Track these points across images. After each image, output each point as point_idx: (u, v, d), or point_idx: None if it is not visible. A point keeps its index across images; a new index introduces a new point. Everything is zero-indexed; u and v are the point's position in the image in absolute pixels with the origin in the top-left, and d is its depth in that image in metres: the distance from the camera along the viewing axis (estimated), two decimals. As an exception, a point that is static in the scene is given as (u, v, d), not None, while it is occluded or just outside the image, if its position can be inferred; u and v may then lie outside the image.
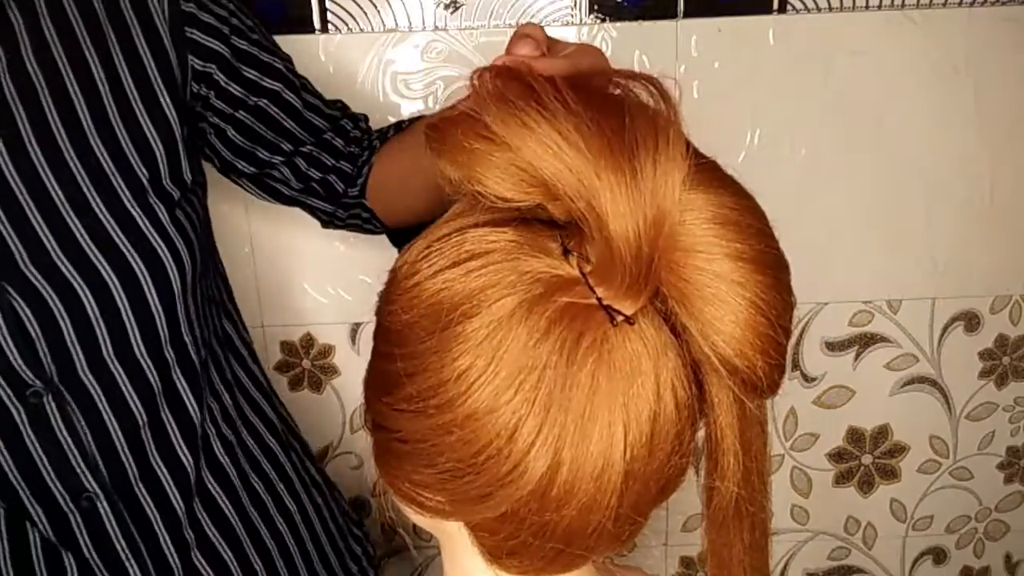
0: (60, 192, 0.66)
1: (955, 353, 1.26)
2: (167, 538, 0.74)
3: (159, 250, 0.70)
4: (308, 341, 1.22)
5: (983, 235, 1.20)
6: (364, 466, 1.25)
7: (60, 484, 0.69)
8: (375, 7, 1.07)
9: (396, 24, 1.08)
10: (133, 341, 0.70)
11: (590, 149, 0.39)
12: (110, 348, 0.69)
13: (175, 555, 0.75)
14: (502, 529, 0.44)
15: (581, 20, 1.08)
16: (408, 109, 1.11)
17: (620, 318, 0.40)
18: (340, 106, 0.88)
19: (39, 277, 0.65)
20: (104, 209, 0.68)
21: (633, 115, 0.41)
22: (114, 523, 0.71)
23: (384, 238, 0.94)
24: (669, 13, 1.08)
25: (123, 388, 0.70)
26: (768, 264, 0.41)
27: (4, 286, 0.64)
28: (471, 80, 0.44)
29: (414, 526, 0.50)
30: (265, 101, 0.79)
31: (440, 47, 1.09)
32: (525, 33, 0.51)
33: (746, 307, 0.40)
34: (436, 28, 1.08)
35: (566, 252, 0.41)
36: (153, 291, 0.70)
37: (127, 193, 0.69)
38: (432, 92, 1.11)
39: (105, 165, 0.68)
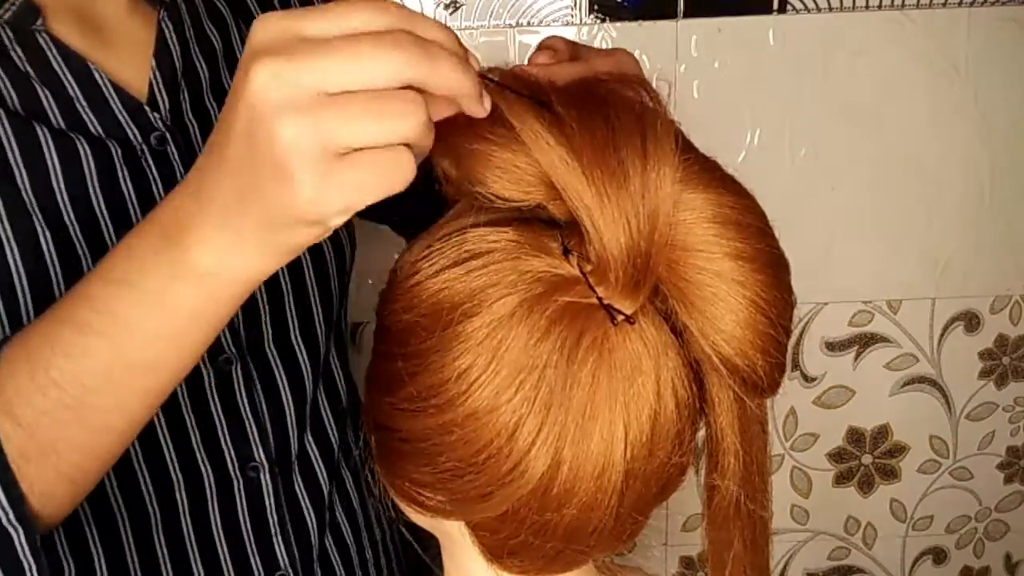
0: None
1: (955, 353, 1.26)
2: (312, 517, 0.75)
3: (341, 234, 0.74)
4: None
5: (983, 235, 1.20)
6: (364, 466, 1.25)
7: (233, 450, 0.69)
8: (375, 7, 1.07)
9: (396, 24, 1.08)
10: (315, 316, 0.73)
11: (574, 148, 0.39)
12: (296, 323, 0.71)
13: (316, 535, 0.75)
14: (502, 528, 0.44)
15: (581, 20, 1.08)
16: (408, 109, 1.11)
17: (620, 317, 0.40)
18: None
19: None
20: None
21: (620, 114, 0.41)
22: (271, 496, 0.71)
23: (383, 237, 0.94)
24: (669, 13, 1.08)
25: (300, 361, 0.72)
26: (768, 263, 0.41)
27: None
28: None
29: (414, 526, 0.50)
30: None
31: (440, 47, 1.09)
32: (547, 45, 0.52)
33: (746, 306, 0.40)
34: (436, 28, 1.08)
35: (566, 251, 0.41)
36: (335, 272, 0.74)
37: None
38: (432, 92, 1.11)
39: None
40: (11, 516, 0.46)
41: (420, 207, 0.89)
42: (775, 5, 1.08)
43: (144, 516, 0.67)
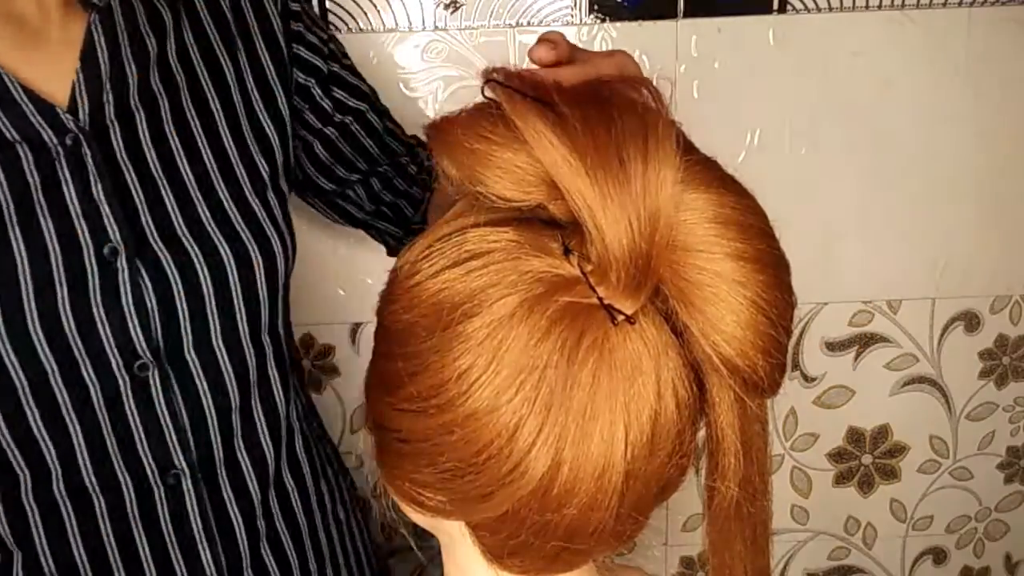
0: (192, 178, 0.71)
1: (955, 353, 1.26)
2: (241, 526, 0.75)
3: (272, 240, 0.74)
4: (308, 341, 1.22)
5: (983, 235, 1.20)
6: (364, 466, 1.25)
7: (151, 457, 0.69)
8: (375, 7, 1.07)
9: (396, 24, 1.08)
10: (239, 322, 0.72)
11: (577, 147, 0.39)
12: (218, 328, 0.71)
13: (246, 543, 0.75)
14: (503, 529, 0.44)
15: (581, 20, 1.08)
16: (408, 109, 1.11)
17: (621, 317, 0.40)
18: (413, 136, 0.93)
19: (166, 253, 0.68)
20: (229, 197, 0.72)
21: (622, 114, 0.41)
22: (195, 503, 0.72)
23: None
24: (669, 13, 1.08)
25: (223, 369, 0.72)
26: (769, 263, 0.41)
27: (136, 263, 0.67)
28: (479, 76, 0.44)
29: (414, 525, 0.50)
30: (350, 118, 0.85)
31: (440, 47, 1.09)
32: (545, 38, 0.52)
33: (747, 307, 0.40)
34: (436, 28, 1.08)
35: (567, 251, 0.41)
36: (263, 278, 0.73)
37: (249, 186, 0.74)
38: (432, 92, 1.11)
39: (232, 158, 0.73)
40: None
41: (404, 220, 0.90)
42: (775, 5, 1.08)
43: (60, 525, 0.67)
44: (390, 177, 0.89)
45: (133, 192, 0.67)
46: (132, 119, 0.68)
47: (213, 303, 0.70)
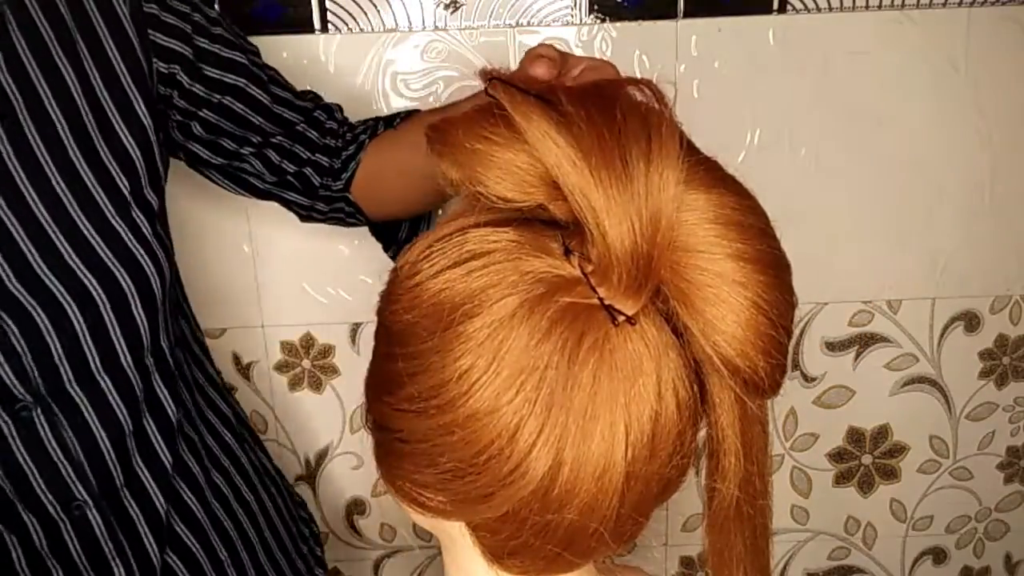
0: (45, 212, 0.66)
1: (955, 353, 1.26)
2: (150, 538, 0.75)
3: (143, 262, 0.70)
4: (308, 341, 1.22)
5: (983, 235, 1.20)
6: (364, 466, 1.25)
7: (51, 494, 0.69)
8: (375, 7, 1.07)
9: (396, 24, 1.08)
10: (119, 351, 0.70)
11: (581, 148, 0.39)
12: (97, 360, 0.69)
13: (157, 553, 0.75)
14: (503, 529, 0.44)
15: (581, 20, 1.08)
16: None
17: (621, 318, 0.40)
18: (311, 97, 0.87)
19: (26, 295, 0.66)
20: (89, 226, 0.68)
21: (626, 115, 0.41)
22: (103, 528, 0.72)
23: (384, 238, 0.94)
24: (669, 13, 1.08)
25: (109, 397, 0.71)
26: (769, 264, 0.41)
27: None
28: (477, 76, 0.44)
29: (414, 526, 0.50)
30: (229, 98, 0.78)
31: (440, 47, 1.09)
32: (539, 54, 0.51)
33: (748, 307, 0.40)
34: (436, 28, 1.08)
35: (567, 252, 0.41)
36: (138, 302, 0.70)
37: (111, 209, 0.69)
38: (432, 92, 1.11)
39: (87, 181, 0.68)
40: None
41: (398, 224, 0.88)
42: (775, 5, 1.08)
43: None
44: (287, 147, 0.82)
45: None
46: None
47: (88, 339, 0.68)
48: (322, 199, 0.85)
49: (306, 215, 0.88)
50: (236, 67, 0.78)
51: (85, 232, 0.68)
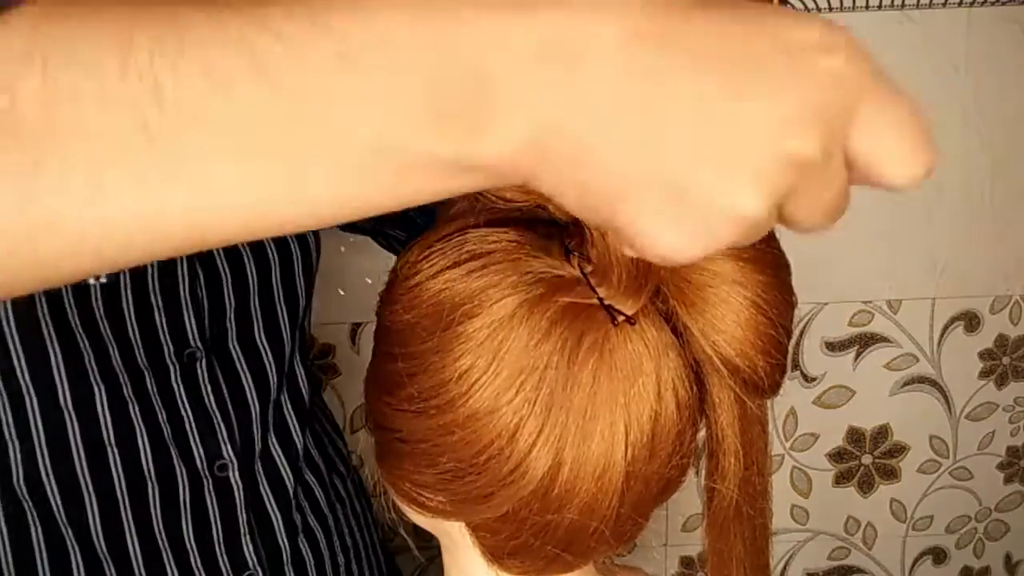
0: None
1: (955, 353, 1.26)
2: (279, 520, 0.75)
3: (308, 236, 0.75)
4: (308, 341, 1.22)
5: (983, 235, 1.20)
6: (364, 466, 1.25)
7: (202, 448, 0.70)
8: (375, 7, 1.07)
9: (396, 24, 1.08)
10: (280, 316, 0.73)
11: None
12: (261, 322, 0.72)
13: (284, 537, 0.75)
14: (503, 529, 0.44)
15: (581, 20, 1.08)
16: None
17: (621, 318, 0.40)
18: None
19: (220, 251, 0.69)
20: None
21: None
22: (241, 493, 0.72)
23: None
24: (669, 13, 1.08)
25: (265, 362, 0.73)
26: (769, 264, 0.41)
27: (194, 256, 0.67)
28: None
29: (414, 526, 0.50)
30: None
31: (440, 47, 1.09)
32: None
33: (747, 307, 0.40)
34: (436, 28, 1.08)
35: (567, 252, 0.41)
36: (301, 274, 0.74)
37: None
38: (432, 92, 1.11)
39: None
40: None
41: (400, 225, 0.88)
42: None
43: (117, 517, 0.67)
44: None
45: None
46: None
47: (257, 296, 0.71)
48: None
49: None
50: None
51: None
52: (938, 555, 1.39)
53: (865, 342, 1.25)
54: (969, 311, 1.24)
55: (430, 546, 0.55)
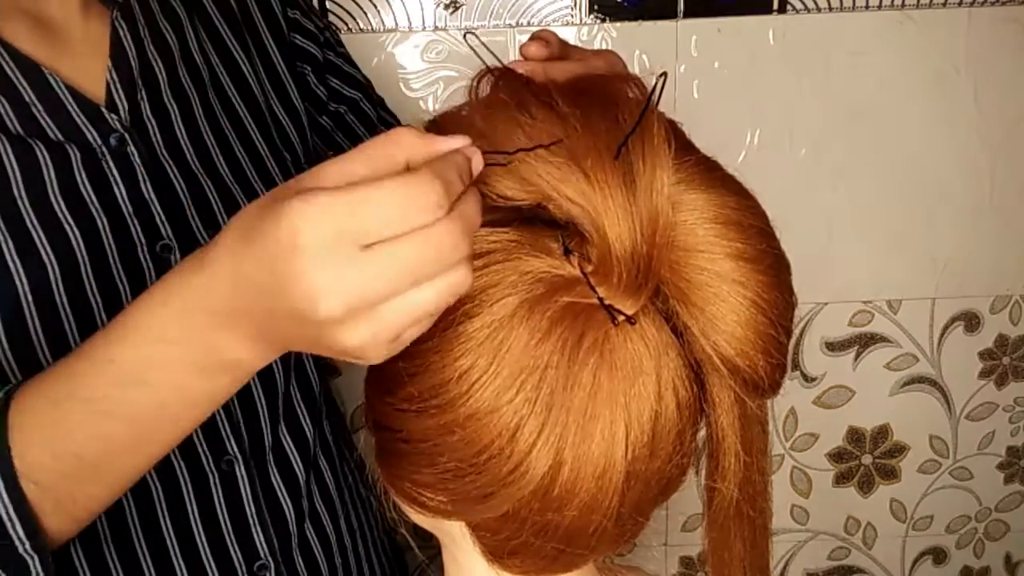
0: (228, 172, 0.71)
1: (955, 353, 1.26)
2: (289, 507, 0.75)
3: None
4: (308, 341, 1.22)
5: (983, 235, 1.20)
6: (365, 466, 1.25)
7: (205, 445, 0.70)
8: (375, 7, 1.07)
9: (396, 24, 1.08)
10: None
11: (577, 150, 0.39)
12: None
13: (294, 523, 0.76)
14: (503, 529, 0.44)
15: (581, 20, 1.08)
16: (408, 109, 1.11)
17: (621, 318, 0.40)
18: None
19: (208, 239, 0.68)
20: (263, 189, 0.73)
21: (625, 114, 0.41)
22: (247, 486, 0.72)
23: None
24: (669, 13, 1.08)
25: None
26: (769, 264, 0.41)
27: (173, 248, 0.67)
28: (472, 82, 0.44)
29: (415, 525, 0.50)
30: (345, 107, 0.86)
31: (440, 47, 1.09)
32: (537, 35, 0.52)
33: (747, 307, 0.40)
34: (436, 28, 1.08)
35: (567, 252, 0.41)
36: None
37: (280, 176, 0.75)
38: (432, 92, 1.11)
39: (261, 150, 0.74)
40: (28, 547, 0.50)
41: None
42: (775, 5, 1.08)
43: (121, 514, 0.67)
44: None
45: (178, 189, 0.68)
46: (167, 116, 0.68)
47: None
48: None
49: None
50: (355, 83, 0.87)
51: (260, 193, 0.72)
52: (938, 555, 1.39)
53: (865, 342, 1.25)
54: (969, 311, 1.24)
55: (430, 545, 0.55)
